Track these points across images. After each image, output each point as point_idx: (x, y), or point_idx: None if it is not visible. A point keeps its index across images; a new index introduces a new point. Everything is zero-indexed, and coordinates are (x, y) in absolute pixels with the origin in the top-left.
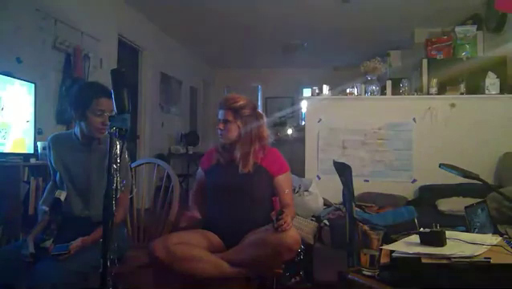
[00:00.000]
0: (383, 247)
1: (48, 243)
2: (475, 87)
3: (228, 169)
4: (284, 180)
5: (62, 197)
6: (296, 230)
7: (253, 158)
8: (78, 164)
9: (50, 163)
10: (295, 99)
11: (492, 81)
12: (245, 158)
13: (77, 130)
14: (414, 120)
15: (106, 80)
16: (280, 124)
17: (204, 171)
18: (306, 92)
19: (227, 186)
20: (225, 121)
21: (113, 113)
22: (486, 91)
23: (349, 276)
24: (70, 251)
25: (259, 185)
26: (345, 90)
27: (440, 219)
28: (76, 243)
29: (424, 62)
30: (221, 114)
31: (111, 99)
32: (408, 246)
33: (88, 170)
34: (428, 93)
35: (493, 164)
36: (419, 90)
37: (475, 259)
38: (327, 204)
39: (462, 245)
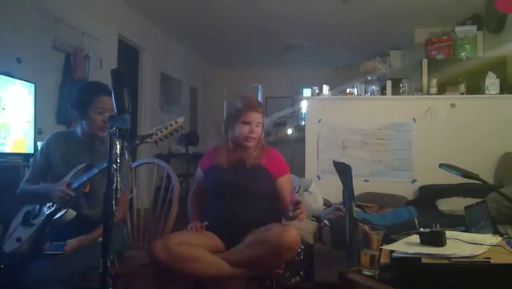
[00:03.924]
0: (383, 247)
1: (69, 215)
2: (475, 87)
3: (229, 170)
4: (286, 181)
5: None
6: (296, 230)
7: (261, 156)
8: (80, 163)
9: (48, 159)
10: (295, 99)
11: (492, 81)
12: (254, 158)
13: (78, 129)
14: (414, 120)
15: (106, 80)
16: (280, 124)
17: (203, 171)
18: (306, 92)
19: (227, 187)
20: (259, 124)
21: (113, 113)
22: (486, 91)
23: (349, 276)
24: (65, 251)
25: (260, 185)
26: (345, 90)
27: (440, 219)
28: (72, 243)
29: (424, 62)
30: (253, 117)
31: (112, 97)
32: (408, 246)
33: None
34: (428, 93)
35: (493, 164)
36: (419, 90)
37: (475, 259)
38: (326, 204)
39: (462, 245)
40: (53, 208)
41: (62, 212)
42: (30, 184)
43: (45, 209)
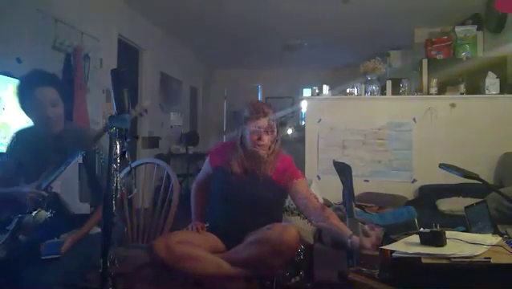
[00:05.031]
0: (383, 247)
1: (42, 216)
2: (475, 87)
3: (238, 178)
4: (299, 186)
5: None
6: (297, 229)
7: (272, 166)
8: (47, 160)
9: (16, 159)
10: (295, 99)
11: (492, 81)
12: (273, 167)
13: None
14: (414, 120)
15: (106, 80)
16: (280, 124)
17: (212, 168)
18: (306, 92)
19: (232, 194)
20: (271, 132)
21: (113, 113)
22: (486, 91)
23: (349, 276)
24: (62, 253)
25: (266, 198)
26: (345, 90)
27: (440, 219)
28: (66, 244)
29: (424, 62)
30: (261, 123)
31: (51, 87)
32: (408, 246)
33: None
34: (428, 93)
35: (493, 164)
36: (419, 90)
37: (475, 259)
38: (327, 204)
39: (462, 245)
40: (25, 211)
41: (33, 214)
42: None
43: (17, 213)
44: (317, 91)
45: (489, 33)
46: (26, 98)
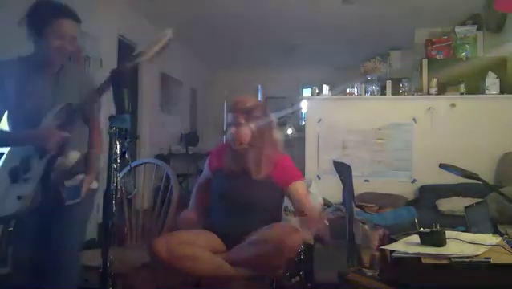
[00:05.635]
0: (383, 247)
1: (74, 157)
2: (475, 87)
3: (236, 178)
4: (292, 189)
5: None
6: (298, 229)
7: (265, 165)
8: (45, 97)
9: (4, 96)
10: (295, 99)
11: (492, 81)
12: (257, 165)
13: (36, 55)
14: (414, 120)
15: None
16: (280, 124)
17: (211, 172)
18: (306, 92)
19: (234, 196)
20: (237, 124)
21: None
22: (486, 91)
23: (349, 276)
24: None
25: (266, 198)
26: (345, 90)
27: (440, 219)
28: (84, 189)
29: (424, 62)
30: (231, 117)
31: (76, 22)
32: (408, 246)
33: (59, 101)
34: (428, 93)
35: (493, 164)
36: (419, 90)
37: (475, 259)
38: (327, 204)
39: (462, 245)
40: (48, 155)
41: (67, 154)
42: None
43: (35, 159)
44: (317, 91)
45: (489, 33)
46: (45, 23)
